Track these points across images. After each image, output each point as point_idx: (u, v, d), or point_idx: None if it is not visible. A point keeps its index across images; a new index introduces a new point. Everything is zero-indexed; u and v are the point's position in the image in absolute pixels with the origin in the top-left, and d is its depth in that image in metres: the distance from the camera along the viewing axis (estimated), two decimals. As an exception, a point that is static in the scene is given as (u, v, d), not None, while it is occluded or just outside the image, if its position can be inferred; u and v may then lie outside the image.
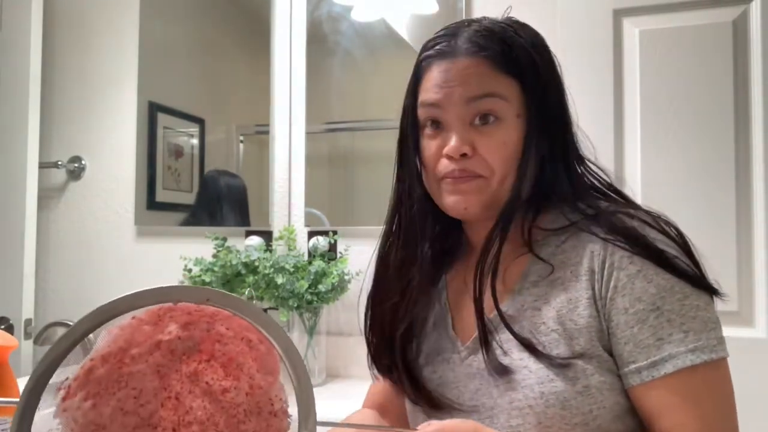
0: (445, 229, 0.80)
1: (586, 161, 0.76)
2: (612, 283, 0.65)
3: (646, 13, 1.44)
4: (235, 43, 1.86)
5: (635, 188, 1.41)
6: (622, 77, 1.45)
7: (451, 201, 0.71)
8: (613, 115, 1.44)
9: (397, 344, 0.76)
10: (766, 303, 1.33)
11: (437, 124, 0.71)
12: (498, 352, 0.69)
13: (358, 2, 1.72)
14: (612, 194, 0.76)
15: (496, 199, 0.70)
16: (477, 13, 1.60)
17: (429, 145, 0.71)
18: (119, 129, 1.87)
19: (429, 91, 0.70)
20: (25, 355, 1.60)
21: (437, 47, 0.71)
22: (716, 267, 0.68)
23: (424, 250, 0.77)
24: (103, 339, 0.53)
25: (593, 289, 0.66)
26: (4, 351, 0.84)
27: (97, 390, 0.52)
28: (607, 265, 0.66)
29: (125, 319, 0.54)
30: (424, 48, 0.73)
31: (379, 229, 0.82)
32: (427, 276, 0.78)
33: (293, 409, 0.54)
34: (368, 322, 0.81)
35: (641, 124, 1.43)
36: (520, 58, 0.68)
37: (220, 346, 0.55)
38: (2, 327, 1.30)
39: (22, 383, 0.89)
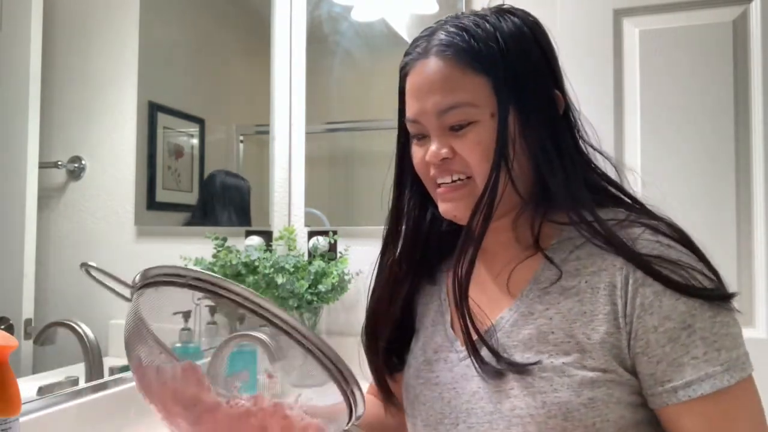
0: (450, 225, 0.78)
1: (587, 157, 0.73)
2: (638, 300, 0.62)
3: (646, 13, 1.44)
4: (235, 43, 1.85)
5: (635, 188, 1.41)
6: (622, 77, 1.45)
7: (443, 208, 0.72)
8: (613, 114, 1.44)
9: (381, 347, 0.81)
10: (766, 303, 1.33)
11: (422, 136, 0.72)
12: (498, 357, 0.67)
13: (358, 2, 1.72)
14: (619, 194, 0.74)
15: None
16: (477, 13, 1.60)
17: (417, 154, 0.73)
18: (119, 129, 1.87)
19: (410, 108, 0.71)
20: (25, 355, 1.59)
21: (416, 50, 0.71)
22: (716, 267, 0.68)
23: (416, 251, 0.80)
24: None
25: (614, 304, 0.64)
26: (4, 351, 0.83)
27: None
28: (631, 281, 0.63)
29: None
30: (406, 52, 0.73)
31: (379, 229, 0.83)
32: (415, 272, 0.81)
33: None
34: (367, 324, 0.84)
35: (641, 124, 1.43)
36: (485, 54, 0.67)
37: None
38: (2, 327, 1.30)
39: (22, 383, 0.88)
